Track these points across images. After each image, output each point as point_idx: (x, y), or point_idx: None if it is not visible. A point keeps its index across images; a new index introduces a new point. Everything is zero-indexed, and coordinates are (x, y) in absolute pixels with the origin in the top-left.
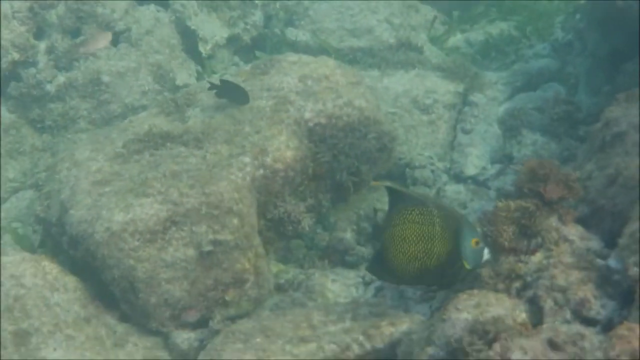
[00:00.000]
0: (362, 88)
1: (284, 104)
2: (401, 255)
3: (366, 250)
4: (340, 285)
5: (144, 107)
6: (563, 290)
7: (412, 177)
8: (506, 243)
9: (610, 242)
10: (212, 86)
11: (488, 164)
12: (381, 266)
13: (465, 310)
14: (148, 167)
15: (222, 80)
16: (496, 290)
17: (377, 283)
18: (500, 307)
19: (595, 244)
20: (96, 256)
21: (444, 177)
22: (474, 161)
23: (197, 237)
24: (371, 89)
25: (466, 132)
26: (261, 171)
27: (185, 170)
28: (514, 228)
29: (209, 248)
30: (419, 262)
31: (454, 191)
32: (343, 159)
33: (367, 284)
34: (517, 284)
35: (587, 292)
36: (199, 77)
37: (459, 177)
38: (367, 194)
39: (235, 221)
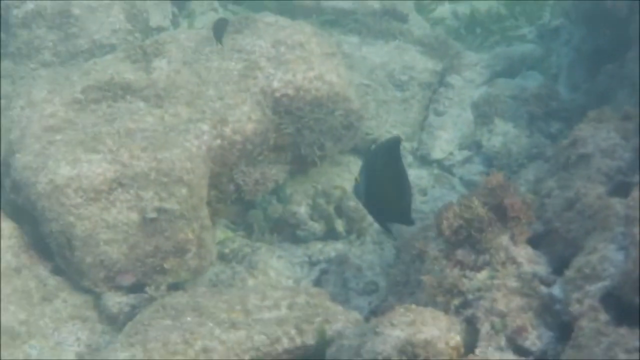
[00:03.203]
0: (336, 60)
1: (253, 69)
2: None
3: (318, 227)
4: (285, 263)
5: (112, 46)
6: (502, 316)
7: None
8: (446, 230)
9: (560, 267)
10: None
11: (456, 150)
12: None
13: (399, 327)
14: (103, 120)
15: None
16: (435, 302)
17: (323, 265)
18: (435, 327)
19: (542, 269)
20: (36, 207)
21: (409, 158)
22: (442, 145)
23: (142, 202)
24: (345, 62)
25: (438, 114)
26: (218, 141)
27: (140, 129)
28: (460, 223)
29: (152, 215)
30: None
31: (416, 176)
32: (307, 134)
33: (312, 264)
34: (456, 301)
35: (525, 320)
36: (174, 20)
37: (424, 159)
38: (328, 167)
39: (184, 191)
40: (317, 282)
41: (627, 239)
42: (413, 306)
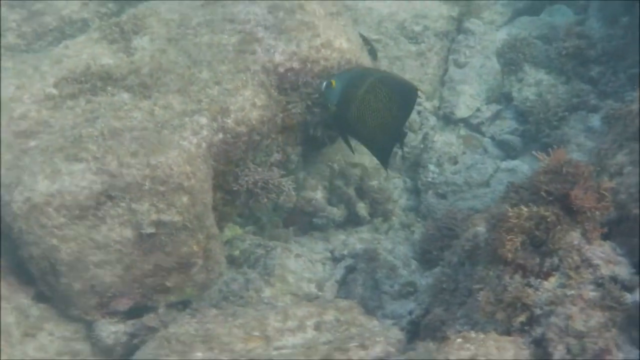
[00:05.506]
0: (342, 20)
1: (251, 42)
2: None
3: (338, 212)
4: (304, 263)
5: (84, 21)
6: (580, 337)
7: None
8: (509, 255)
9: None
10: None
11: (483, 105)
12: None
13: None
14: (83, 119)
15: None
16: (494, 320)
17: (349, 261)
18: None
19: (623, 270)
20: (13, 229)
21: (432, 120)
22: (467, 101)
23: (137, 216)
24: (350, 16)
25: (460, 65)
26: (220, 135)
27: (128, 128)
28: (523, 238)
29: (150, 230)
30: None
31: (444, 142)
32: (318, 112)
33: (336, 261)
34: (522, 318)
35: (609, 342)
36: None
37: (448, 119)
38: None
39: (185, 199)
40: (344, 283)
41: None
42: (472, 334)
